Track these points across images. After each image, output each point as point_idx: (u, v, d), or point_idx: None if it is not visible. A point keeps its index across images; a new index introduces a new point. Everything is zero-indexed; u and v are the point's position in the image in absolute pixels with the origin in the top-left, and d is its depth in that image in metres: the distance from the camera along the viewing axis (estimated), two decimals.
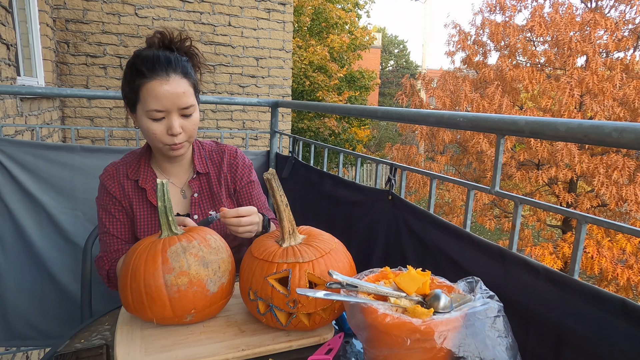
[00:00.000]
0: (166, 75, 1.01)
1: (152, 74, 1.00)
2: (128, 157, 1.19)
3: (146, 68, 1.01)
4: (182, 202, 1.18)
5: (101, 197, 1.16)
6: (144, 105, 1.02)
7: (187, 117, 1.06)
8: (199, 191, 1.19)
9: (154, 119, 1.03)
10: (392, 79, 24.31)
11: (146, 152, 1.18)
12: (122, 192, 1.14)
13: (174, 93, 1.01)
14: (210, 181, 1.20)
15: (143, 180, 1.14)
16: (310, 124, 9.75)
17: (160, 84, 1.00)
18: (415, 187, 6.22)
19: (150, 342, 0.82)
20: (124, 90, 1.08)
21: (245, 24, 4.44)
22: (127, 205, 1.15)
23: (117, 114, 4.09)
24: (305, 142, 1.93)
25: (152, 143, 1.08)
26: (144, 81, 1.01)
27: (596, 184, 4.81)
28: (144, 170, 1.16)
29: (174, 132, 1.03)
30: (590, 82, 5.00)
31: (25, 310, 1.77)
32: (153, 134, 1.04)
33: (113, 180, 1.15)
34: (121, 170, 1.16)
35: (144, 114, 1.03)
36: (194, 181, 1.18)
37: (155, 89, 1.00)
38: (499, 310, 0.64)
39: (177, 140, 1.05)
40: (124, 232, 1.15)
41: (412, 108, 4.06)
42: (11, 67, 2.38)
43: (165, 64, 1.02)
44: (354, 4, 12.95)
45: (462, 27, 6.71)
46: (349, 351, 0.84)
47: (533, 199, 0.87)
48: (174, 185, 1.19)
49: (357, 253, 1.21)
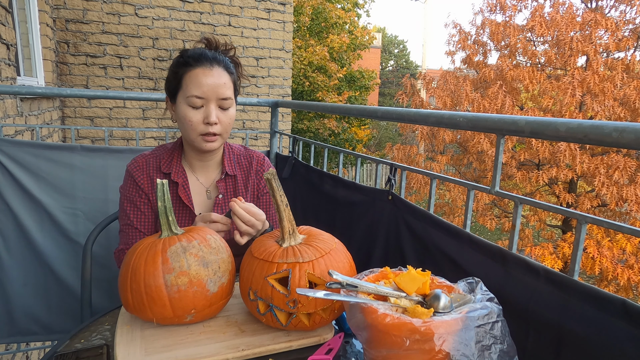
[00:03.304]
0: (210, 65, 1.06)
1: (197, 63, 1.05)
2: (159, 150, 1.19)
3: (192, 59, 1.06)
4: (206, 203, 1.18)
5: (127, 188, 1.14)
6: (185, 91, 1.05)
7: (225, 110, 1.08)
8: (225, 193, 1.19)
9: (193, 106, 1.05)
10: (392, 79, 24.31)
11: (178, 148, 1.18)
12: (150, 185, 1.14)
13: (216, 82, 1.05)
14: (236, 184, 1.21)
15: (175, 174, 1.14)
16: (310, 125, 9.75)
17: (203, 71, 1.05)
18: (416, 187, 6.22)
19: (150, 342, 0.82)
20: (167, 82, 1.11)
21: (245, 24, 4.44)
22: (155, 199, 1.14)
23: (117, 114, 4.09)
24: (305, 142, 1.93)
25: (187, 134, 1.08)
26: (189, 69, 1.06)
27: (597, 184, 4.81)
28: (176, 165, 1.16)
29: (211, 120, 1.05)
30: (591, 82, 5.00)
31: (28, 304, 1.79)
32: (189, 121, 1.05)
33: (142, 172, 1.14)
34: (152, 162, 1.15)
35: (183, 101, 1.06)
36: (221, 182, 1.18)
37: (198, 76, 1.04)
38: (498, 315, 0.64)
39: (213, 129, 1.06)
40: (148, 225, 1.14)
41: (412, 108, 4.05)
42: (11, 67, 2.38)
43: (210, 57, 1.07)
44: (354, 3, 12.95)
45: (462, 27, 6.71)
46: (349, 351, 0.84)
47: (533, 199, 0.87)
48: (201, 184, 1.19)
49: (357, 253, 1.21)
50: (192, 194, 1.16)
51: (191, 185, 1.17)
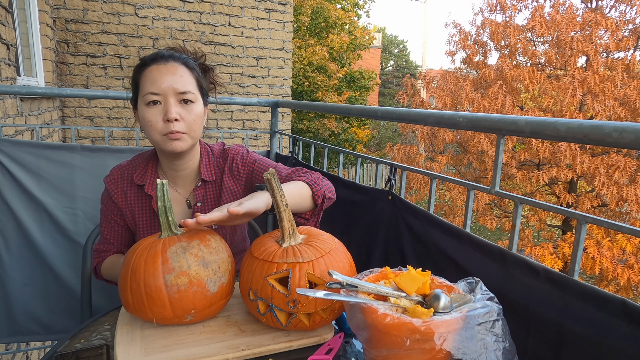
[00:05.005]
0: (165, 62, 1.00)
1: (152, 62, 1.00)
2: (136, 160, 1.14)
3: (148, 59, 1.01)
4: (187, 213, 1.13)
5: (103, 199, 1.16)
6: (142, 91, 0.99)
7: (186, 106, 1.00)
8: (203, 200, 1.13)
9: (150, 104, 0.98)
10: (392, 79, 24.30)
11: (153, 157, 1.14)
12: (124, 199, 1.12)
13: (171, 76, 0.98)
14: (216, 189, 1.14)
15: (149, 187, 1.10)
16: (310, 125, 9.75)
17: (157, 67, 0.99)
18: (416, 187, 6.22)
19: (150, 342, 0.82)
20: (132, 93, 1.07)
21: (245, 24, 4.44)
22: (129, 213, 1.12)
23: (117, 114, 4.09)
24: (305, 142, 1.93)
25: (150, 136, 1.01)
26: (144, 69, 1.00)
27: (597, 184, 4.81)
28: (150, 175, 1.10)
29: (170, 116, 0.96)
30: (592, 82, 5.00)
31: (28, 304, 1.79)
32: (149, 121, 0.98)
33: (117, 186, 1.12)
34: (126, 174, 1.12)
35: (141, 102, 0.99)
36: (199, 189, 1.12)
37: (152, 72, 0.99)
38: (498, 314, 0.64)
39: (175, 127, 0.98)
40: (118, 238, 1.17)
41: (412, 108, 4.05)
42: (11, 67, 2.38)
43: (166, 55, 1.02)
44: (354, 3, 12.94)
45: (462, 27, 6.71)
46: (349, 351, 0.84)
47: (533, 199, 0.87)
48: (180, 196, 1.13)
49: (357, 253, 1.21)
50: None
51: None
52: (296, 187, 1.02)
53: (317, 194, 1.05)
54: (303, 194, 1.02)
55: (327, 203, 1.08)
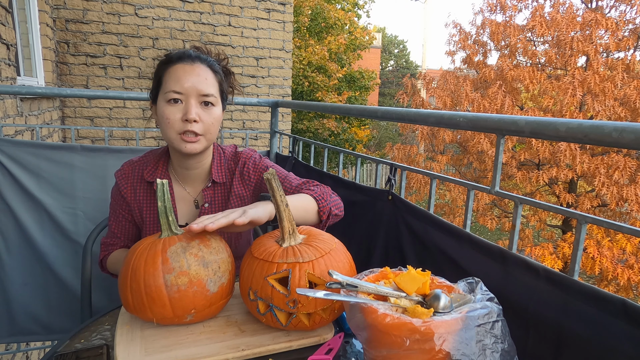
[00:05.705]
0: (191, 62, 1.01)
1: (178, 60, 1.01)
2: (147, 157, 1.14)
3: (174, 57, 1.02)
4: (193, 213, 1.13)
5: (113, 193, 1.16)
6: (164, 88, 1.00)
7: (207, 108, 1.01)
8: (211, 201, 1.12)
9: (171, 102, 0.99)
10: (392, 79, 24.30)
11: (165, 155, 1.14)
12: (133, 195, 1.12)
13: (196, 77, 0.99)
14: (225, 192, 1.14)
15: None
16: (310, 125, 9.75)
17: (183, 67, 1.00)
18: (416, 187, 6.22)
19: (150, 342, 0.82)
20: (152, 87, 1.07)
21: (245, 24, 4.44)
22: (137, 209, 1.13)
23: (117, 114, 4.09)
24: (305, 142, 1.93)
25: (166, 133, 1.01)
26: (169, 66, 1.01)
27: (597, 184, 4.81)
28: (161, 173, 1.10)
29: (190, 116, 0.97)
30: (592, 82, 5.00)
31: (28, 304, 1.79)
32: (167, 118, 0.98)
33: (127, 180, 1.12)
34: (137, 170, 1.12)
35: (162, 98, 1.00)
36: (208, 190, 1.12)
37: (177, 71, 1.00)
38: (498, 315, 0.64)
39: (192, 127, 0.98)
40: (125, 232, 1.17)
41: (412, 108, 4.05)
42: (11, 67, 2.38)
43: (193, 55, 1.03)
44: (353, 4, 12.94)
45: (462, 27, 6.72)
46: (349, 351, 0.84)
47: (533, 199, 0.87)
48: (188, 194, 1.13)
49: (357, 253, 1.21)
50: (177, 203, 1.12)
51: (177, 194, 1.12)
52: (302, 200, 1.02)
53: (322, 209, 1.04)
54: (308, 207, 1.02)
55: (332, 219, 1.08)
